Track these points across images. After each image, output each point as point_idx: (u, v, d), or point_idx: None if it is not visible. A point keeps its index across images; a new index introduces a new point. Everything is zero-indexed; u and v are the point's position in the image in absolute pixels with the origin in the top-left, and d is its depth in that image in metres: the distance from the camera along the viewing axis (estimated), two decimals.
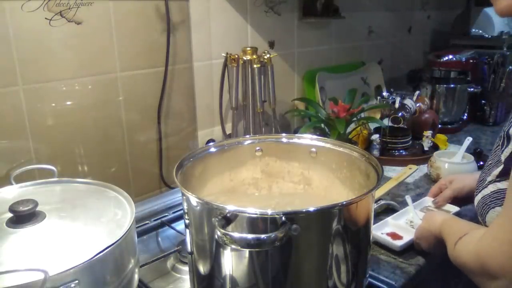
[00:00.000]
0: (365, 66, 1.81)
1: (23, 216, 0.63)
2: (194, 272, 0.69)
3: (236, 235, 0.55)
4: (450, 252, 0.68)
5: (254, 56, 1.21)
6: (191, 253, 0.68)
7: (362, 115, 1.34)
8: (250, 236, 0.55)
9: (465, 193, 0.96)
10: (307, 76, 1.57)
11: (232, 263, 0.62)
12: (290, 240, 0.57)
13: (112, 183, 0.77)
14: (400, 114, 1.34)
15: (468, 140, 1.21)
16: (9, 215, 0.64)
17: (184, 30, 1.15)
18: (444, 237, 0.73)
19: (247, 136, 0.88)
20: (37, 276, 0.51)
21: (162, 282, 0.83)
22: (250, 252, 0.59)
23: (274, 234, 0.54)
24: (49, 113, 0.93)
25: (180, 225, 0.98)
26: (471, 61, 1.71)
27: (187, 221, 0.66)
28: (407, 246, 0.86)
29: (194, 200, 0.62)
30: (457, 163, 1.17)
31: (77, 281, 0.54)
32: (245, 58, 1.21)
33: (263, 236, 0.54)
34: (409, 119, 1.38)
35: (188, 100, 1.21)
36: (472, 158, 1.17)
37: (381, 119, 1.40)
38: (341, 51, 1.75)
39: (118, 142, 1.06)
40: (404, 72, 1.95)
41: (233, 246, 0.57)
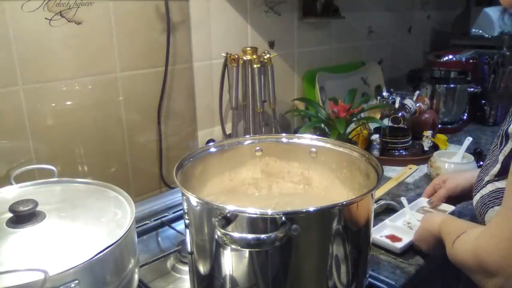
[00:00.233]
0: (365, 66, 1.81)
1: (23, 216, 0.63)
2: (194, 272, 0.69)
3: (236, 235, 0.55)
4: (449, 251, 0.68)
5: (254, 56, 1.21)
6: (191, 253, 0.68)
7: (362, 115, 1.34)
8: (250, 236, 0.55)
9: (459, 192, 0.96)
10: (307, 76, 1.57)
11: (232, 263, 0.62)
12: (290, 240, 0.57)
13: (112, 183, 0.77)
14: (400, 114, 1.33)
15: (468, 140, 1.21)
16: (9, 215, 0.64)
17: (184, 30, 1.15)
18: (443, 237, 0.73)
19: (247, 136, 0.88)
20: (37, 276, 0.51)
21: (162, 282, 0.83)
22: (250, 252, 0.59)
23: (274, 234, 0.54)
24: (49, 113, 0.93)
25: (180, 225, 0.98)
26: (471, 61, 1.71)
27: (187, 221, 0.67)
28: (407, 248, 0.86)
29: (194, 200, 0.62)
30: (457, 163, 1.16)
31: (77, 281, 0.54)
32: (245, 58, 1.21)
33: (263, 236, 0.54)
34: (409, 119, 1.38)
35: (188, 100, 1.21)
36: (472, 158, 1.17)
37: (381, 119, 1.40)
38: (341, 51, 1.75)
39: (118, 142, 1.06)
40: (404, 72, 1.95)
41: (233, 246, 0.57)
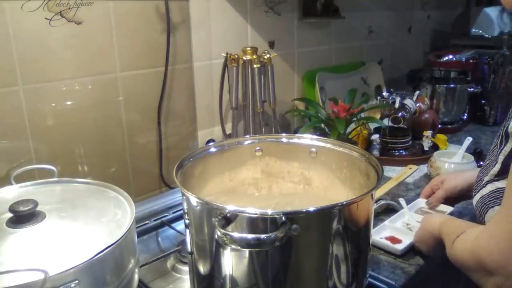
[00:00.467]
0: (365, 66, 1.81)
1: (23, 216, 0.63)
2: (194, 272, 0.69)
3: (236, 235, 0.55)
4: (448, 251, 0.69)
5: (254, 56, 1.21)
6: (191, 253, 0.68)
7: (362, 115, 1.34)
8: (250, 236, 0.55)
9: (458, 192, 0.96)
10: (307, 76, 1.57)
11: (232, 263, 0.62)
12: (290, 240, 0.57)
13: (112, 183, 0.77)
14: (400, 114, 1.33)
15: (468, 140, 1.21)
16: (9, 215, 0.64)
17: (184, 30, 1.15)
18: (443, 237, 0.73)
19: (247, 136, 0.88)
20: (37, 276, 0.51)
21: (162, 282, 0.83)
22: (250, 252, 0.59)
23: (274, 234, 0.54)
24: (49, 113, 0.93)
25: (180, 225, 0.98)
26: (471, 61, 1.71)
27: (187, 221, 0.66)
28: (407, 249, 0.86)
29: (194, 200, 0.62)
30: (457, 163, 1.16)
31: (77, 281, 0.54)
32: (245, 58, 1.21)
33: (263, 236, 0.54)
34: (409, 119, 1.38)
35: (188, 100, 1.21)
36: (472, 158, 1.17)
37: (381, 119, 1.40)
38: (341, 51, 1.75)
39: (118, 142, 1.06)
40: (404, 72, 1.95)
41: (233, 246, 0.57)
